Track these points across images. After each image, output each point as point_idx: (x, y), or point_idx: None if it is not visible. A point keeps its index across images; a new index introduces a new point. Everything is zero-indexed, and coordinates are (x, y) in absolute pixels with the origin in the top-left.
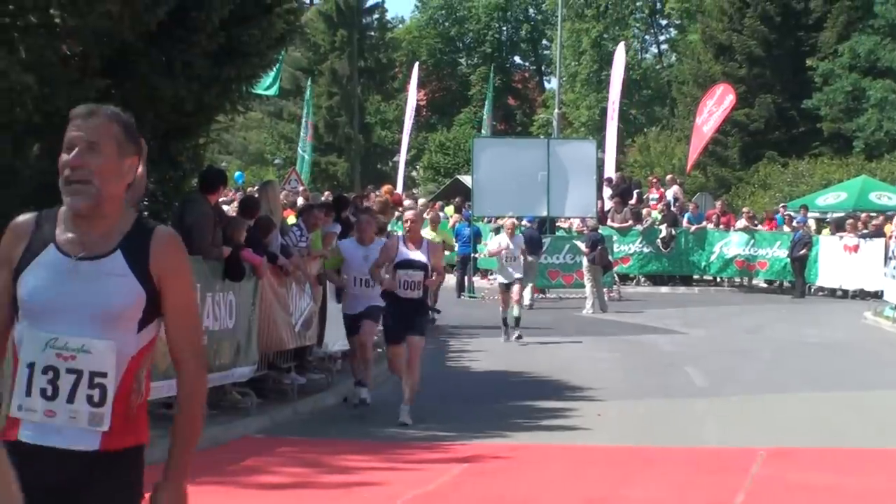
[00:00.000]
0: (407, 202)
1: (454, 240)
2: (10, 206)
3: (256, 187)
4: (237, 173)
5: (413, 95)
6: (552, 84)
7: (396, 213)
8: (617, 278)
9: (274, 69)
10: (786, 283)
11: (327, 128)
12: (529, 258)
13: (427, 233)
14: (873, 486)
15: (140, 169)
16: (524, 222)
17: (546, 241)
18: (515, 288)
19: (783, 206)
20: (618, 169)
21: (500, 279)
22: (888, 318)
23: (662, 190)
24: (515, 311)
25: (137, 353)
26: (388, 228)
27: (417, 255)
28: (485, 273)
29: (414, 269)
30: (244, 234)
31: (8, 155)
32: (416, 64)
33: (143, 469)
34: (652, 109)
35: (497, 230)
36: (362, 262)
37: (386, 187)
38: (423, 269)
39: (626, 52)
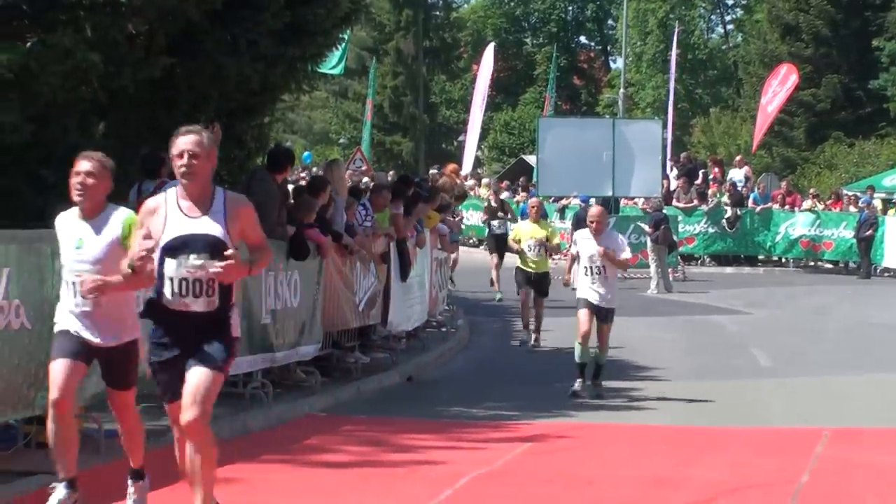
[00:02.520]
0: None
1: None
2: None
3: (320, 167)
4: (305, 154)
5: (487, 75)
6: (618, 64)
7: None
8: (680, 258)
9: (339, 48)
10: (851, 264)
11: (392, 107)
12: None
13: (527, 227)
14: None
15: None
16: (577, 202)
17: (610, 221)
18: (604, 326)
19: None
20: (682, 149)
21: (582, 296)
22: None
23: (717, 170)
24: (598, 357)
25: None
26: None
27: (205, 226)
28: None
29: (198, 254)
30: (314, 215)
31: (73, 133)
32: (492, 44)
33: None
34: (718, 90)
35: (562, 211)
36: (74, 249)
37: (451, 166)
38: (215, 248)
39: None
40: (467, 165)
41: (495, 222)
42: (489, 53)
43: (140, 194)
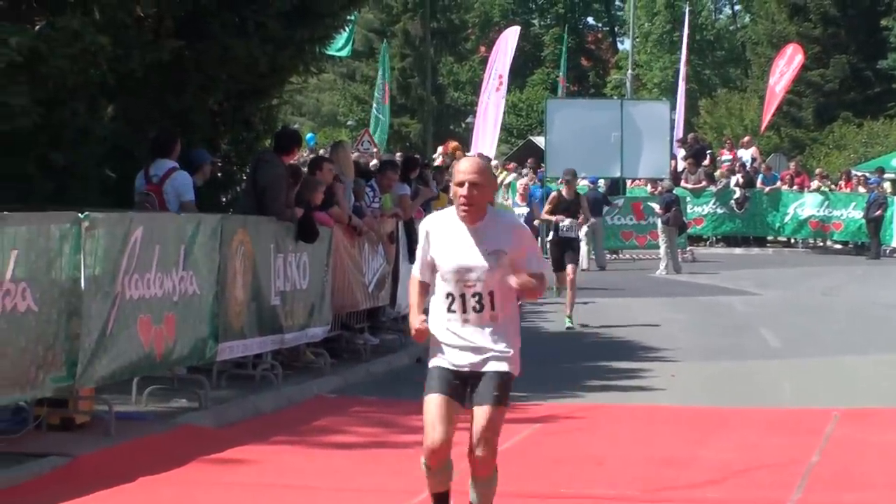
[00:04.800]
0: None
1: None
2: (86, 166)
3: (328, 148)
4: (309, 135)
5: (507, 57)
6: (625, 45)
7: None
8: (687, 240)
9: (347, 30)
10: (861, 245)
11: (400, 89)
12: (592, 219)
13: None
14: None
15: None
16: (586, 182)
17: (619, 201)
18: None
19: (847, 171)
20: (689, 130)
21: (437, 361)
22: None
23: (734, 151)
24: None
25: None
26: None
27: None
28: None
29: None
30: (321, 196)
31: (82, 116)
32: (517, 28)
33: None
34: (726, 70)
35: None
36: None
37: (453, 143)
38: None
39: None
40: (487, 148)
41: (566, 222)
42: (513, 36)
43: (148, 180)
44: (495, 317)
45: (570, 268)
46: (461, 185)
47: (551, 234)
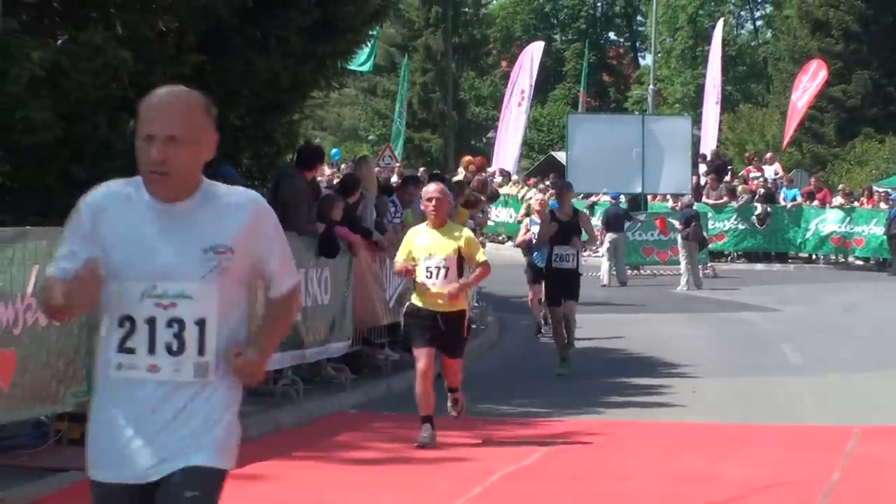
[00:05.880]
0: None
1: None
2: (106, 180)
3: (349, 163)
4: (333, 150)
5: (531, 72)
6: (647, 60)
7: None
8: (708, 255)
9: (369, 45)
10: (882, 261)
11: (421, 104)
12: (612, 235)
13: (424, 236)
14: None
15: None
16: (607, 198)
17: (642, 216)
18: None
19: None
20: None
21: None
22: None
23: (762, 168)
24: None
25: None
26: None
27: None
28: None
29: None
30: (340, 212)
31: (103, 130)
32: (541, 43)
33: None
34: (748, 86)
35: (591, 208)
36: None
37: (467, 158)
38: None
39: (723, 28)
40: (507, 163)
41: (559, 250)
42: (537, 52)
43: None
44: (205, 368)
45: (568, 304)
46: (149, 139)
47: (543, 264)
